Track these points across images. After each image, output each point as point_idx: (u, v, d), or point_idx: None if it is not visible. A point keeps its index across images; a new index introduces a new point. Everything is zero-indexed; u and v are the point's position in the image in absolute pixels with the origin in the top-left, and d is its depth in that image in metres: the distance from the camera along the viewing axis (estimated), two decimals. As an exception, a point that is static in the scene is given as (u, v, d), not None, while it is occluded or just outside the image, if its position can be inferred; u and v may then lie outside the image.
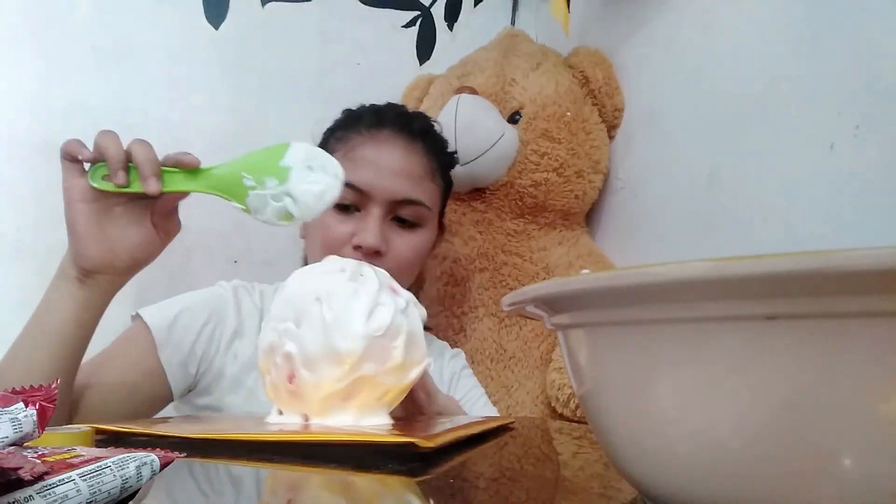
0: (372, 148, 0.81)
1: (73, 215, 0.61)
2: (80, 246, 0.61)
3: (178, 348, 0.77)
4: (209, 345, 0.79)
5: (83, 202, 0.61)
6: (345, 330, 0.51)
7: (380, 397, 0.52)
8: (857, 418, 0.19)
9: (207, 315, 0.80)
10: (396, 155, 0.82)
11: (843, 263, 0.18)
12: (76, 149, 0.61)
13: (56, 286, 0.64)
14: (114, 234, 0.62)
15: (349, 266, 0.55)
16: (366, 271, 0.55)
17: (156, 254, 0.65)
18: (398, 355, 0.52)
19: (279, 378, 0.53)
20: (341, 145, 0.83)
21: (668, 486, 0.24)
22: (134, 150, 0.61)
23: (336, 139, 0.85)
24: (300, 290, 0.54)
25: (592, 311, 0.25)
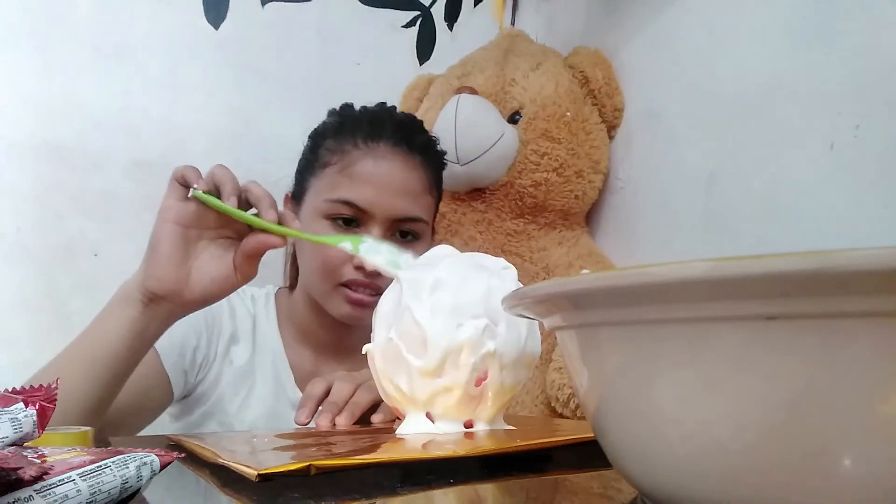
0: (371, 164, 0.78)
1: (161, 235, 0.61)
2: (157, 267, 0.60)
3: (180, 357, 0.77)
4: (207, 351, 0.80)
5: (176, 224, 0.61)
6: (535, 332, 0.51)
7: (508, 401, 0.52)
8: (857, 418, 0.19)
9: (204, 322, 0.80)
10: (396, 171, 0.79)
11: (843, 263, 0.18)
12: (191, 174, 0.61)
13: (112, 310, 0.62)
14: (194, 263, 0.62)
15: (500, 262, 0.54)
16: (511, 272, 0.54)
17: (227, 292, 0.64)
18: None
19: (462, 380, 0.48)
20: (336, 158, 0.80)
21: (668, 486, 0.24)
22: (250, 186, 0.61)
23: (329, 150, 0.81)
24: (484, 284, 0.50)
25: (592, 312, 0.25)
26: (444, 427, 0.49)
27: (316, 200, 0.79)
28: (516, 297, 0.28)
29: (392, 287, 0.54)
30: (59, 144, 1.05)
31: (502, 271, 0.53)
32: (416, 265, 0.55)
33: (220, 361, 0.81)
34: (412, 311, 0.49)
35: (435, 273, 0.50)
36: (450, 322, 0.48)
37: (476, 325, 0.48)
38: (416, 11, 1.33)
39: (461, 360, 0.48)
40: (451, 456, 0.38)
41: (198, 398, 0.81)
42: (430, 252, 0.56)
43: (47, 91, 1.05)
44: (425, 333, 0.48)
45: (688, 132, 0.95)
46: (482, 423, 0.50)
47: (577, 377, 0.29)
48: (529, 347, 0.51)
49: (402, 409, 0.51)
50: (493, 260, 0.54)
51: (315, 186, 0.80)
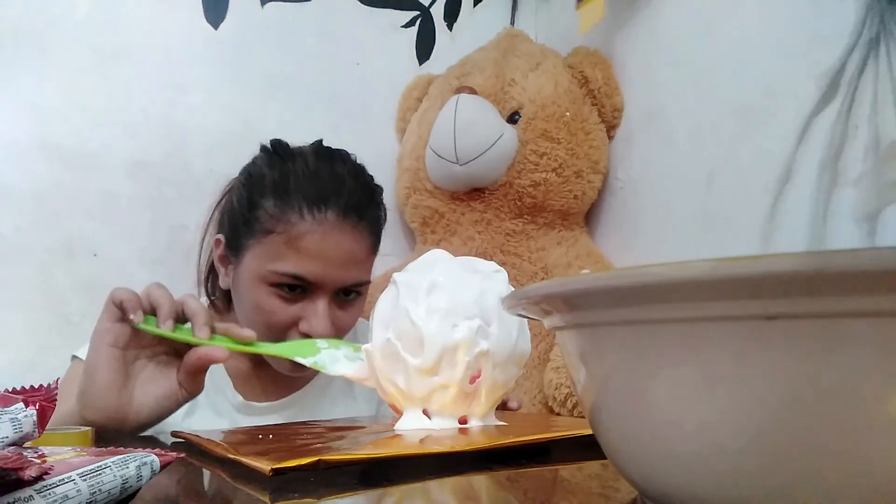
0: (319, 239, 0.74)
1: (98, 361, 0.59)
2: (97, 397, 0.59)
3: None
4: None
5: (114, 347, 0.60)
6: (525, 332, 0.53)
7: (499, 398, 0.55)
8: (856, 418, 0.19)
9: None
10: (345, 244, 0.75)
11: (843, 263, 0.18)
12: (129, 302, 0.60)
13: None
14: (136, 384, 0.61)
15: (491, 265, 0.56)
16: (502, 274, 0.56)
17: (174, 410, 0.63)
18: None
19: (457, 378, 0.50)
20: (281, 227, 0.74)
21: (668, 486, 0.24)
22: (186, 301, 0.62)
23: (270, 215, 0.75)
24: (477, 286, 0.52)
25: (592, 312, 0.25)
26: (440, 423, 0.51)
27: (258, 267, 0.75)
28: (516, 296, 0.28)
29: (388, 290, 0.55)
30: (58, 144, 1.05)
31: (494, 274, 0.55)
32: (411, 268, 0.56)
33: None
34: (409, 313, 0.50)
35: (430, 276, 0.52)
36: (445, 322, 0.50)
37: (470, 326, 0.50)
38: (415, 11, 1.33)
39: (457, 359, 0.50)
40: (454, 450, 0.39)
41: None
42: (425, 256, 0.58)
43: (47, 91, 1.04)
44: (422, 333, 0.50)
45: (687, 132, 0.95)
46: (476, 419, 0.52)
47: (577, 377, 0.29)
48: (520, 347, 0.54)
49: (400, 405, 0.53)
50: (484, 263, 0.56)
51: (256, 250, 0.76)
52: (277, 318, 0.75)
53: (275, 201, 0.75)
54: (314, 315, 0.75)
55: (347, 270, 0.76)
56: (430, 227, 1.16)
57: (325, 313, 0.75)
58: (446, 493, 0.34)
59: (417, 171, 1.14)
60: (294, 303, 0.75)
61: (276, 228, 0.74)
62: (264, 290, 0.75)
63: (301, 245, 0.74)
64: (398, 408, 0.54)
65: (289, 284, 0.74)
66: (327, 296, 0.76)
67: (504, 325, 0.52)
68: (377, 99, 1.28)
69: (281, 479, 0.34)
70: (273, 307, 0.75)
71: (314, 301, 0.75)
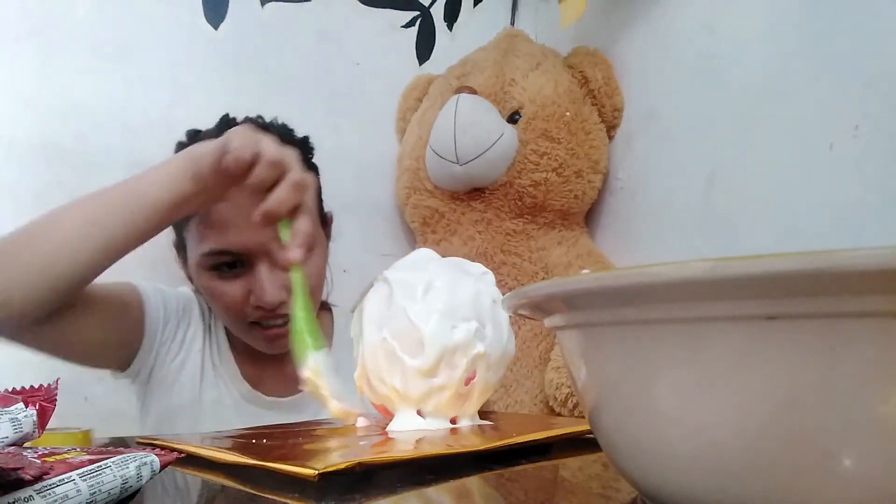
0: (227, 208, 0.71)
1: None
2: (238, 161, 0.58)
3: (156, 322, 0.79)
4: (175, 335, 0.82)
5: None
6: (511, 334, 0.54)
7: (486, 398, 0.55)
8: (857, 418, 0.19)
9: (182, 310, 0.83)
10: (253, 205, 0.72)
11: (843, 263, 0.18)
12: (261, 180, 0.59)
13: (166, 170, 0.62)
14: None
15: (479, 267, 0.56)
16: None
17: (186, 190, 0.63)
18: None
19: (455, 379, 0.50)
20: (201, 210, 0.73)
21: (668, 486, 0.24)
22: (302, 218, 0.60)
23: None
24: (472, 288, 0.52)
25: (592, 312, 0.26)
26: (433, 424, 0.51)
27: (193, 255, 0.76)
28: (516, 296, 0.28)
29: (378, 288, 0.54)
30: (58, 144, 1.04)
31: (483, 276, 0.55)
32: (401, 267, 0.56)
33: (186, 347, 0.83)
34: (407, 312, 0.50)
35: (426, 276, 0.52)
36: (445, 324, 0.50)
37: (468, 328, 0.50)
38: (415, 11, 1.33)
39: (455, 361, 0.50)
40: (484, 448, 0.40)
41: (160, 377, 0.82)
42: (414, 255, 0.58)
43: (47, 91, 1.04)
44: (422, 334, 0.49)
45: (687, 132, 0.95)
46: (465, 420, 0.53)
47: (577, 377, 0.29)
48: (509, 349, 0.54)
49: (392, 406, 0.52)
50: (472, 265, 0.56)
51: (189, 239, 0.77)
52: (227, 299, 0.75)
53: None
54: (258, 285, 0.74)
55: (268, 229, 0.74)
56: (431, 227, 1.16)
57: (268, 279, 0.73)
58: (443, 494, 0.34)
59: (417, 171, 1.14)
60: (237, 280, 0.75)
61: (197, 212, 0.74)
62: (206, 275, 0.75)
63: (214, 220, 0.73)
64: (388, 408, 0.53)
65: (225, 263, 0.74)
66: (266, 262, 0.74)
67: (497, 327, 0.52)
68: (377, 99, 1.28)
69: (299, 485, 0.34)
70: (219, 289, 0.75)
71: (254, 271, 0.74)
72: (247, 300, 0.75)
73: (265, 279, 0.74)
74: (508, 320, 0.54)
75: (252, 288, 0.74)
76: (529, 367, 1.05)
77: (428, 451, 0.38)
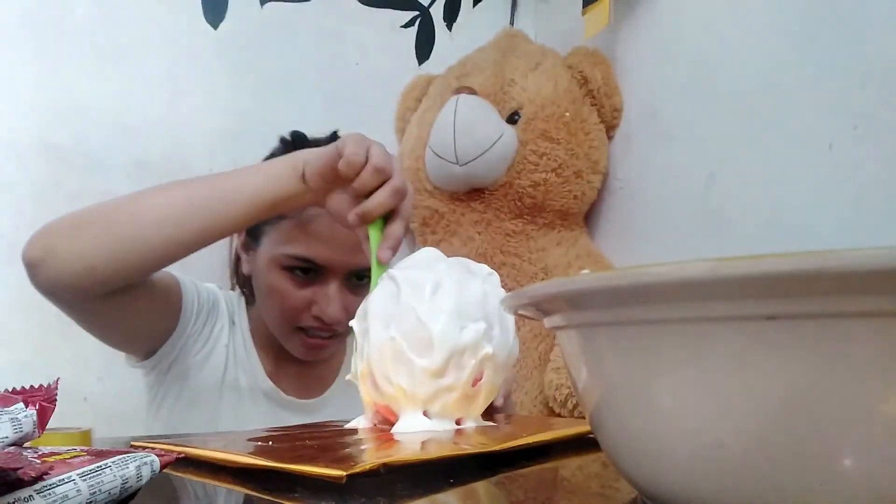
0: (328, 222, 0.75)
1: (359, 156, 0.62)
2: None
3: (190, 312, 0.80)
4: (203, 327, 0.83)
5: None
6: (516, 336, 0.54)
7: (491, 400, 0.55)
8: (857, 418, 0.19)
9: (212, 305, 0.84)
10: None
11: (843, 263, 0.18)
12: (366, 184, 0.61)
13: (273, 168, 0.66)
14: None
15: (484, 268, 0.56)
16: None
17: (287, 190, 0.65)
18: None
19: (463, 380, 0.50)
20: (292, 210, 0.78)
21: (668, 486, 0.24)
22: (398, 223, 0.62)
23: None
24: (479, 288, 0.52)
25: (592, 312, 0.26)
26: (439, 425, 0.50)
27: (272, 251, 0.79)
28: (517, 297, 0.28)
29: (383, 286, 0.54)
30: (58, 144, 1.04)
31: (489, 277, 0.55)
32: (408, 265, 0.55)
33: (213, 341, 0.84)
34: (416, 311, 0.49)
35: (434, 275, 0.51)
36: (454, 324, 0.49)
37: (477, 329, 0.50)
38: (415, 11, 1.33)
39: (463, 362, 0.49)
40: (501, 449, 0.40)
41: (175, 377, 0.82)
42: (420, 254, 0.58)
43: (47, 91, 1.04)
44: (431, 334, 0.49)
45: (687, 132, 0.95)
46: (470, 421, 0.52)
47: (577, 377, 0.29)
48: (514, 350, 0.54)
49: (397, 407, 0.51)
50: (477, 265, 0.56)
51: (270, 235, 0.80)
52: (290, 301, 0.78)
53: None
54: (325, 298, 0.77)
55: (356, 254, 0.77)
56: (430, 227, 1.16)
57: (336, 297, 0.78)
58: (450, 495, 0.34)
59: (417, 172, 1.14)
60: (307, 287, 0.78)
61: (289, 213, 0.77)
62: (278, 274, 0.78)
63: (311, 228, 0.77)
64: (393, 409, 0.52)
65: (301, 268, 0.77)
66: (338, 280, 0.78)
67: (504, 328, 0.52)
68: (377, 99, 1.28)
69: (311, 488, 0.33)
70: (286, 290, 0.78)
71: (326, 285, 0.78)
72: (307, 308, 0.78)
73: (333, 296, 0.78)
74: (514, 322, 0.54)
75: (317, 299, 0.78)
76: (529, 367, 1.05)
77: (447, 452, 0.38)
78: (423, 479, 0.35)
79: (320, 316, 0.78)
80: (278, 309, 0.79)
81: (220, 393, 0.83)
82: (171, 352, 0.81)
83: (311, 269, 0.78)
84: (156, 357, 0.80)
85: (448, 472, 0.37)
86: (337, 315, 0.77)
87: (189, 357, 0.82)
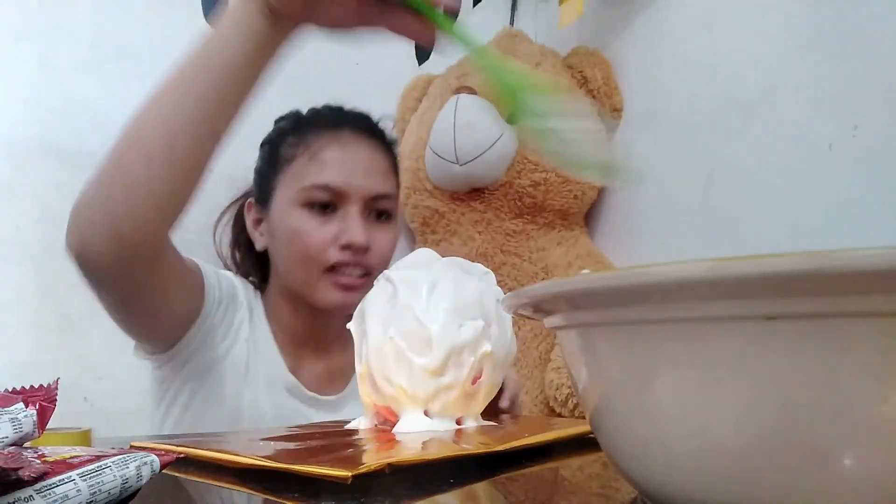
0: (338, 147, 0.80)
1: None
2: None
3: (212, 301, 0.78)
4: (224, 317, 0.80)
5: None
6: (513, 335, 0.54)
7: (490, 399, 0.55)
8: (857, 418, 0.19)
9: (232, 294, 0.82)
10: (363, 152, 0.82)
11: (843, 263, 0.18)
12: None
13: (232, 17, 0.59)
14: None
15: (480, 268, 0.56)
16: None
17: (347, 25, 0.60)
18: None
19: (462, 378, 0.50)
20: (301, 150, 0.80)
21: (668, 486, 0.24)
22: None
23: (291, 145, 0.82)
24: (476, 287, 0.52)
25: (592, 311, 0.26)
26: (440, 424, 0.50)
27: (288, 192, 0.79)
28: (517, 296, 0.28)
29: (379, 287, 0.54)
30: (58, 144, 1.04)
31: (485, 276, 0.55)
32: (403, 266, 0.55)
33: (232, 336, 0.81)
34: (414, 311, 0.50)
35: (430, 275, 0.52)
36: (452, 322, 0.49)
37: (475, 326, 0.50)
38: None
39: (462, 360, 0.49)
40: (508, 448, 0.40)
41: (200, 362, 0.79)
42: (415, 255, 0.58)
43: (47, 91, 1.04)
44: (430, 333, 0.49)
45: (687, 132, 0.95)
46: (470, 420, 0.52)
47: (577, 377, 0.29)
48: (512, 348, 0.54)
49: (398, 407, 0.51)
50: (472, 265, 0.56)
51: (283, 182, 0.80)
52: (315, 236, 0.77)
53: (293, 134, 0.82)
54: (350, 225, 0.77)
55: (371, 178, 0.80)
56: (431, 227, 1.16)
57: (359, 222, 0.78)
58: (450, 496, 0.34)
59: (417, 171, 1.14)
60: (328, 221, 0.78)
61: (298, 153, 0.80)
62: (297, 214, 0.78)
63: (323, 157, 0.79)
64: (394, 409, 0.52)
65: (320, 203, 0.78)
66: (358, 207, 0.79)
67: (502, 327, 0.53)
68: (377, 99, 1.27)
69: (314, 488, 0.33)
70: (309, 228, 0.78)
71: (347, 215, 0.78)
72: (333, 242, 0.78)
73: (357, 222, 0.78)
74: (511, 320, 0.54)
75: (342, 228, 0.78)
76: (529, 367, 1.05)
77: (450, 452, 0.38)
78: (423, 479, 0.35)
79: (349, 243, 0.77)
80: (303, 251, 0.77)
81: (241, 389, 0.80)
82: (193, 341, 0.76)
83: (330, 204, 0.78)
84: (176, 348, 0.76)
85: (448, 472, 0.37)
86: (364, 240, 0.77)
87: (209, 350, 0.78)
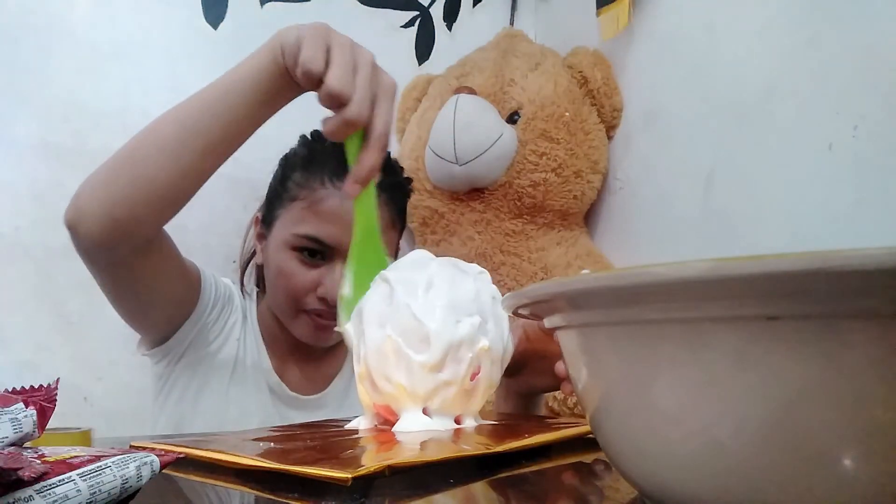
0: (337, 203, 0.79)
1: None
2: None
3: (207, 300, 0.82)
4: (218, 318, 0.84)
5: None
6: (510, 333, 0.55)
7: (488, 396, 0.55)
8: (856, 418, 0.19)
9: (227, 298, 0.86)
10: None
11: (843, 263, 0.18)
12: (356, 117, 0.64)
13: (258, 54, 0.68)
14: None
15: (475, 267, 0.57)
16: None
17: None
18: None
19: (461, 374, 0.50)
20: (304, 193, 0.81)
21: (668, 486, 0.25)
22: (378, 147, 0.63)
23: (297, 184, 0.82)
24: (472, 285, 0.53)
25: (592, 311, 0.26)
26: (440, 423, 0.50)
27: (283, 232, 0.81)
28: (517, 296, 0.28)
29: (376, 288, 0.54)
30: (58, 144, 1.04)
31: (479, 275, 0.55)
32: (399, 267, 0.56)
33: (226, 334, 0.85)
34: (411, 309, 0.50)
35: (426, 274, 0.52)
36: (449, 318, 0.50)
37: (472, 322, 0.50)
38: (414, 12, 1.33)
39: (460, 355, 0.50)
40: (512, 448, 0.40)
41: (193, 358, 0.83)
42: (411, 256, 0.58)
43: (47, 91, 1.04)
44: (427, 329, 0.49)
45: (687, 132, 0.95)
46: (469, 419, 0.52)
47: (577, 377, 0.29)
48: (509, 346, 0.55)
49: (397, 405, 0.52)
50: (467, 264, 0.57)
51: (283, 218, 0.82)
52: (297, 280, 0.79)
53: (302, 173, 0.82)
54: (331, 280, 0.78)
55: None
56: (430, 227, 1.16)
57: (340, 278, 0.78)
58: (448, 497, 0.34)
59: (417, 172, 1.14)
60: (314, 268, 0.80)
61: (300, 195, 0.81)
62: (287, 254, 0.80)
63: (320, 209, 0.79)
64: (393, 408, 0.52)
65: (309, 249, 0.79)
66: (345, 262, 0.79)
67: (499, 323, 0.53)
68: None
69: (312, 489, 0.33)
70: (294, 270, 0.80)
71: (332, 267, 0.79)
72: (313, 289, 0.80)
73: (338, 276, 0.78)
74: (507, 318, 0.55)
75: (324, 280, 0.79)
76: (529, 367, 1.05)
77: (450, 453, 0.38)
78: (423, 480, 0.35)
79: (325, 297, 0.79)
80: (285, 290, 0.81)
81: (228, 386, 0.84)
82: (186, 337, 0.82)
83: (319, 252, 0.79)
84: (169, 343, 0.81)
85: (448, 472, 0.37)
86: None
87: (202, 347, 0.83)
